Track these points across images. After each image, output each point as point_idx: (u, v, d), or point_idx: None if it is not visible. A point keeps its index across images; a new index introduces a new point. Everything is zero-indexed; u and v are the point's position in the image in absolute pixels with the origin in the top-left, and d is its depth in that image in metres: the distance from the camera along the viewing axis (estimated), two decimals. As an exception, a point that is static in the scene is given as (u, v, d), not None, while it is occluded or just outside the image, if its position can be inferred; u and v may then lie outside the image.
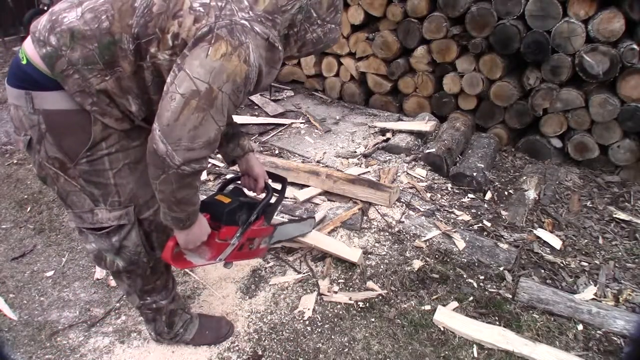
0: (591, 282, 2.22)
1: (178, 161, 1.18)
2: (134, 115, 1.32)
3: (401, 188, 2.81)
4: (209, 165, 3.06)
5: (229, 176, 2.89)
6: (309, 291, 2.13)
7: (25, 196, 2.84)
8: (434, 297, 2.11)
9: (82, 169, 1.33)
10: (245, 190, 1.76)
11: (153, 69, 1.25)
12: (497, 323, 1.98)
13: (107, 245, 1.45)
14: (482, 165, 3.00)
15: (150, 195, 1.44)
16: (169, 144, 1.17)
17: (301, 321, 1.98)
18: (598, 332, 1.95)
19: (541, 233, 2.53)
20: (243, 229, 1.59)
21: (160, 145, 1.18)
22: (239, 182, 1.81)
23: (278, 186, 1.79)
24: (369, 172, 2.99)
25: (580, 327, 1.97)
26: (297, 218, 2.39)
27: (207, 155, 1.25)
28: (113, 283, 2.14)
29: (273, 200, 1.72)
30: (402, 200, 2.72)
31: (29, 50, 1.25)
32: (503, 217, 2.66)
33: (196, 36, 1.16)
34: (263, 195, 1.72)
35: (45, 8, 5.17)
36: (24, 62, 1.25)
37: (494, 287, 2.17)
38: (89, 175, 1.34)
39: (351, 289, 2.15)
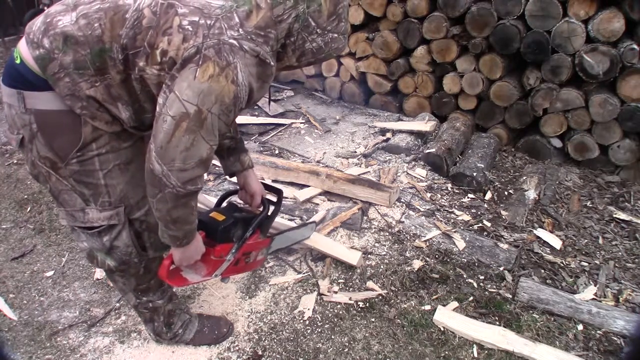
0: (591, 282, 2.21)
1: (174, 181, 1.21)
2: (124, 122, 1.32)
3: (401, 188, 2.81)
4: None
5: (226, 184, 2.90)
6: (309, 291, 2.13)
7: (25, 196, 2.84)
8: (434, 297, 2.11)
9: (72, 169, 1.33)
10: (241, 202, 1.77)
11: (141, 81, 1.26)
12: (497, 323, 1.98)
13: (99, 245, 1.46)
14: (482, 165, 3.00)
15: (142, 196, 1.44)
16: (164, 165, 1.19)
17: (301, 321, 1.98)
18: (598, 332, 1.95)
19: (541, 233, 2.53)
20: (238, 246, 1.59)
21: (157, 165, 1.20)
22: (237, 194, 1.82)
23: (275, 197, 1.79)
24: (369, 172, 2.99)
25: (580, 327, 1.97)
26: (296, 225, 2.38)
27: (202, 174, 1.26)
28: (113, 283, 2.15)
29: (269, 212, 1.72)
30: (402, 200, 2.72)
31: (22, 50, 1.26)
32: (503, 217, 2.66)
33: (184, 57, 1.16)
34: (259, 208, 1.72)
35: (45, 8, 5.17)
36: (18, 61, 1.26)
37: (494, 287, 2.17)
38: (80, 175, 1.35)
39: (351, 289, 2.15)
